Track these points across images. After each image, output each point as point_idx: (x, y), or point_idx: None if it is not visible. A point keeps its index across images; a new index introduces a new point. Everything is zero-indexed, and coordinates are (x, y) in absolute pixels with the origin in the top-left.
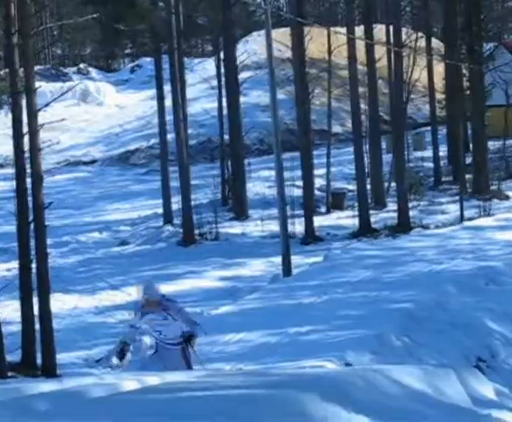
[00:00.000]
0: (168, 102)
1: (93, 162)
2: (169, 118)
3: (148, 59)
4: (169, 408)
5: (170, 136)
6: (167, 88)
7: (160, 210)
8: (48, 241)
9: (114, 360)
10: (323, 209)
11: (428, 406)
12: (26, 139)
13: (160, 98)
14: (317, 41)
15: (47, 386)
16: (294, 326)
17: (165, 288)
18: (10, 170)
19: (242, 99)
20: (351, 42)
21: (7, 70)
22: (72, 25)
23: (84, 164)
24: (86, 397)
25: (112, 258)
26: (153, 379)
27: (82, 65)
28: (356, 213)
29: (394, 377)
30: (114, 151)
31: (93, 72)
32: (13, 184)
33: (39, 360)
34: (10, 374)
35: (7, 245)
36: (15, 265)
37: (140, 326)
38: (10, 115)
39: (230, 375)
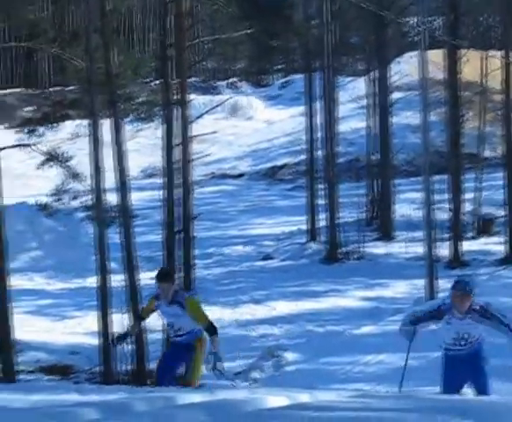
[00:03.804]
0: (317, 119)
1: (240, 175)
2: (317, 135)
3: (298, 75)
4: None
5: (318, 154)
6: (317, 105)
7: (304, 226)
8: (194, 252)
9: (254, 374)
10: (470, 234)
11: None
12: (176, 150)
13: (310, 115)
14: (470, 64)
15: (197, 396)
16: (435, 351)
17: (307, 305)
18: (158, 180)
19: (392, 120)
20: (506, 67)
21: (157, 83)
22: (225, 39)
23: (232, 178)
24: (238, 411)
25: (255, 272)
26: (304, 396)
27: (233, 79)
28: (505, 239)
29: None
30: (262, 166)
31: (244, 86)
32: (160, 193)
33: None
34: (148, 382)
35: (152, 254)
36: None
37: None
38: (160, 127)
39: (380, 397)
